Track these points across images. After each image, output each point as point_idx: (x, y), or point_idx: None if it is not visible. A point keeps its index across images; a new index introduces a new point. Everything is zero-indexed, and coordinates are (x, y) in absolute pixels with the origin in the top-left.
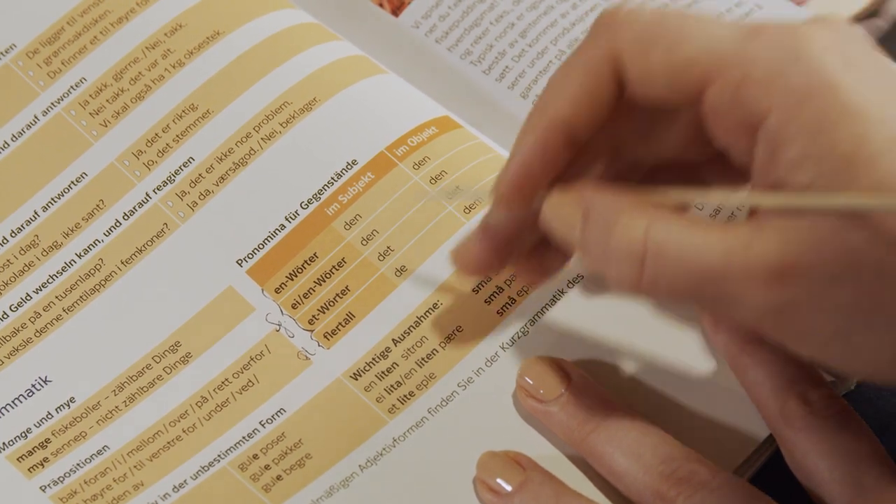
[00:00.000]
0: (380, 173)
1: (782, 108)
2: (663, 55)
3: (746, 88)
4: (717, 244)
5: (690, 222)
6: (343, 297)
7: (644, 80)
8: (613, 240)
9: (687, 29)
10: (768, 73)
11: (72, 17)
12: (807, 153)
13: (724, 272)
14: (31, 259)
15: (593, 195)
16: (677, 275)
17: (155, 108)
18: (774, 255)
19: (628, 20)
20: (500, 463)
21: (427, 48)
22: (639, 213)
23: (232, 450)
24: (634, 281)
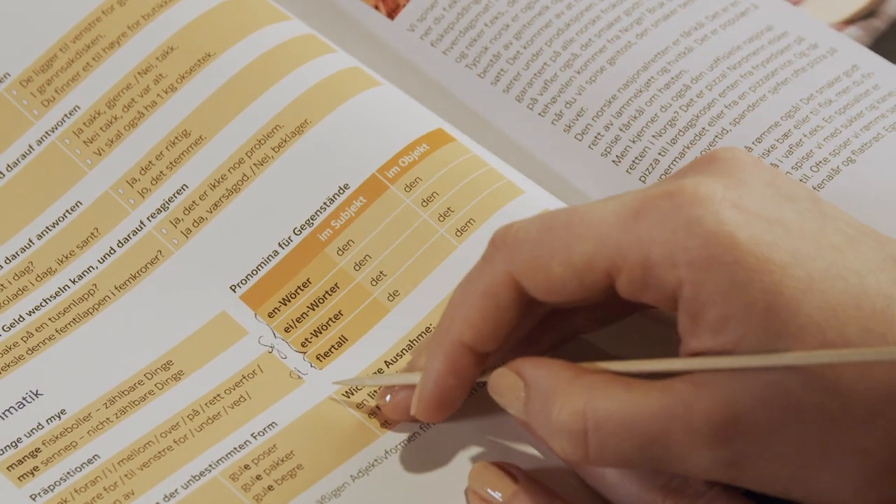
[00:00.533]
0: (371, 197)
1: (690, 279)
2: (561, 265)
3: (652, 271)
4: (657, 409)
5: (628, 388)
6: (336, 321)
7: (550, 293)
8: (553, 418)
9: (575, 231)
10: (666, 250)
11: (64, 43)
12: (726, 315)
13: (667, 436)
14: (25, 284)
15: (532, 372)
16: (621, 443)
17: (148, 136)
18: (717, 413)
19: (518, 240)
20: (492, 474)
21: (421, 52)
22: (577, 388)
23: (223, 460)
24: (581, 455)
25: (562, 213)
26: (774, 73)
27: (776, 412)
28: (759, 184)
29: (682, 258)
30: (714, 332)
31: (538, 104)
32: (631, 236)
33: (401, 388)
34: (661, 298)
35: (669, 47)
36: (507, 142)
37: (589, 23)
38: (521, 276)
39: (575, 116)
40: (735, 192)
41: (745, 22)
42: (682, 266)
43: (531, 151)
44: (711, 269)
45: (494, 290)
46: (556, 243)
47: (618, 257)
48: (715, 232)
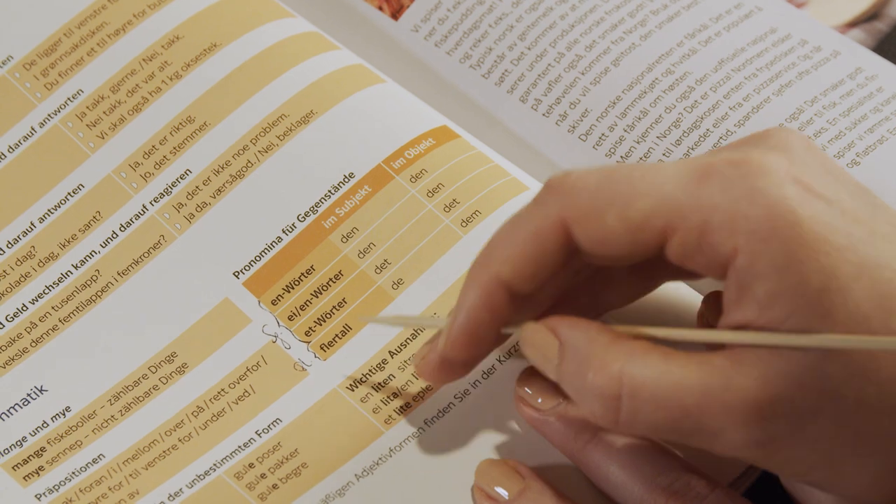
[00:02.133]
0: (377, 186)
1: (747, 249)
2: (617, 219)
3: (709, 235)
4: (694, 382)
5: (666, 358)
6: (340, 309)
7: (601, 244)
8: (588, 380)
9: (636, 186)
10: (728, 217)
11: (69, 28)
12: (777, 291)
13: (702, 411)
14: (28, 270)
15: (569, 332)
16: (654, 413)
17: (152, 120)
18: (754, 393)
19: (576, 187)
20: (499, 471)
21: (426, 52)
22: (614, 353)
23: (228, 459)
24: (611, 420)
25: (623, 167)
26: (779, 75)
27: (813, 396)
28: (815, 164)
29: (743, 227)
30: (761, 307)
31: (542, 104)
32: (692, 199)
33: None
34: (710, 265)
35: (674, 49)
36: (511, 141)
37: (593, 24)
38: (574, 223)
39: (579, 117)
40: (797, 169)
41: (750, 24)
42: (740, 234)
43: (535, 151)
44: (770, 241)
45: (543, 232)
46: (615, 196)
47: (676, 218)
48: (778, 205)
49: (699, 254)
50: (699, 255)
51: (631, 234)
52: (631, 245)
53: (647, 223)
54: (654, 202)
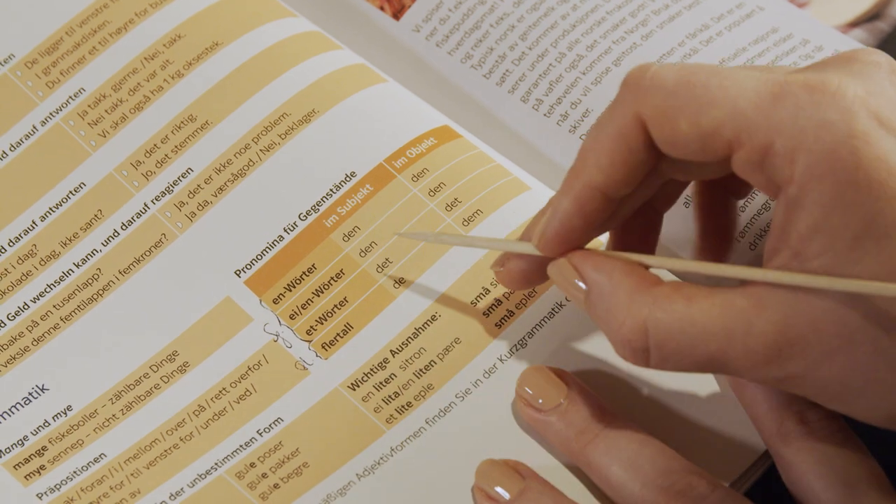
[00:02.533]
0: (378, 185)
1: (801, 181)
2: (689, 123)
3: (771, 157)
4: (718, 328)
5: (689, 302)
6: (341, 308)
7: (671, 146)
8: (615, 331)
9: (712, 93)
10: (791, 143)
11: (71, 27)
12: (819, 227)
13: (726, 356)
14: (29, 268)
15: (593, 275)
16: (681, 359)
17: (153, 119)
18: (772, 337)
19: (653, 85)
20: (500, 471)
21: (427, 52)
22: (637, 303)
23: (229, 458)
24: (642, 366)
25: (703, 69)
26: None
27: (829, 340)
28: (895, 93)
29: (803, 158)
30: (800, 239)
31: (543, 104)
32: (762, 118)
33: (511, 258)
34: (767, 185)
35: (675, 49)
36: (512, 141)
37: (594, 24)
38: (649, 122)
39: (580, 117)
40: (874, 101)
41: (751, 24)
42: (799, 164)
43: (537, 150)
44: (824, 179)
45: (625, 131)
46: (689, 100)
47: (744, 133)
48: (842, 143)
49: (760, 172)
50: (759, 173)
51: (701, 140)
52: (701, 151)
53: (717, 132)
54: (725, 114)
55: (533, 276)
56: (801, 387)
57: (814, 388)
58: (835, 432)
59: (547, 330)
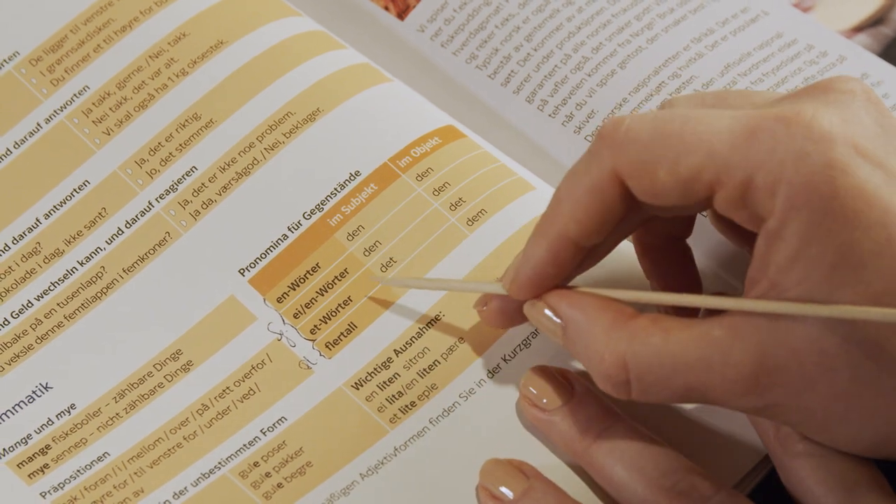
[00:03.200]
0: (383, 184)
1: (780, 213)
2: (668, 172)
3: (751, 193)
4: (694, 359)
5: (667, 335)
6: (345, 307)
7: (652, 196)
8: (595, 367)
9: (686, 140)
10: (770, 178)
11: (75, 25)
12: (797, 257)
13: (705, 386)
14: (33, 266)
15: (569, 312)
16: (662, 391)
17: (158, 117)
18: (751, 368)
19: (628, 139)
20: (504, 471)
21: (432, 53)
22: (615, 339)
23: (233, 457)
24: (624, 397)
25: (675, 118)
26: (785, 80)
27: (809, 369)
28: (870, 122)
29: (783, 190)
30: (778, 270)
31: (548, 105)
32: (739, 156)
33: (492, 297)
34: (750, 221)
35: (680, 52)
36: (517, 140)
37: (600, 27)
38: (626, 176)
39: (586, 118)
40: (850, 129)
41: (756, 29)
42: (780, 197)
43: (541, 150)
44: (802, 210)
45: (600, 185)
46: (665, 151)
47: (723, 174)
48: (819, 173)
49: (742, 208)
50: (742, 210)
51: (681, 187)
52: (681, 198)
53: (697, 178)
54: (702, 158)
55: (513, 315)
56: (783, 416)
57: (796, 417)
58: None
59: None
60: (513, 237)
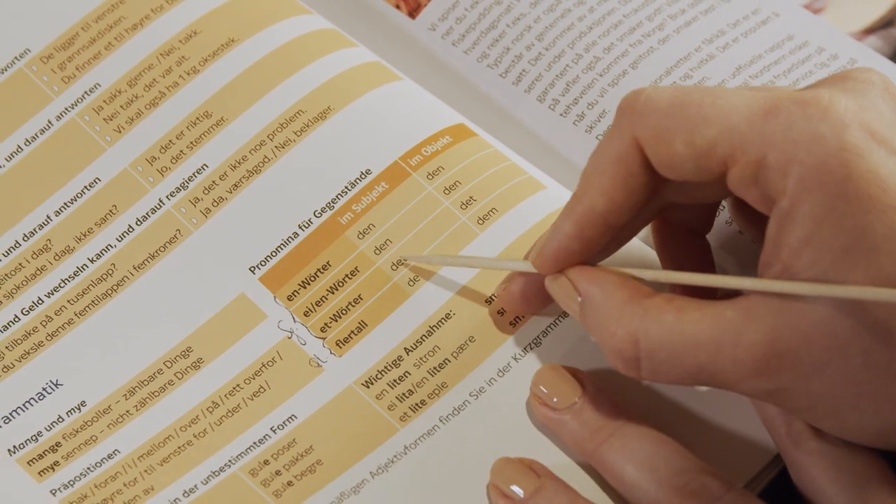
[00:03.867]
0: (394, 183)
1: (793, 194)
2: (684, 143)
3: (764, 171)
4: (706, 339)
5: (680, 314)
6: (356, 305)
7: (668, 167)
8: (607, 342)
9: (705, 111)
10: (783, 158)
11: (86, 22)
12: (809, 240)
13: (715, 366)
14: (44, 263)
15: (587, 287)
16: (672, 370)
17: (169, 115)
18: (762, 349)
19: (647, 108)
20: (515, 469)
21: (443, 51)
22: (629, 314)
23: (243, 455)
24: (634, 376)
25: (695, 90)
26: (796, 83)
27: (819, 352)
28: (888, 110)
29: (795, 171)
30: (791, 251)
31: (560, 105)
32: (755, 133)
33: (513, 280)
34: (761, 200)
35: (692, 54)
36: (527, 139)
37: (611, 27)
38: (645, 144)
39: (597, 118)
40: (866, 115)
41: (767, 30)
42: (791, 178)
43: (552, 149)
44: (815, 191)
45: (623, 155)
46: (683, 121)
47: (738, 149)
48: (834, 155)
49: (754, 187)
50: (754, 188)
51: (696, 159)
52: (696, 170)
53: (712, 151)
54: (719, 131)
55: (533, 298)
56: (792, 401)
57: (804, 402)
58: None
59: (561, 329)
60: (523, 236)
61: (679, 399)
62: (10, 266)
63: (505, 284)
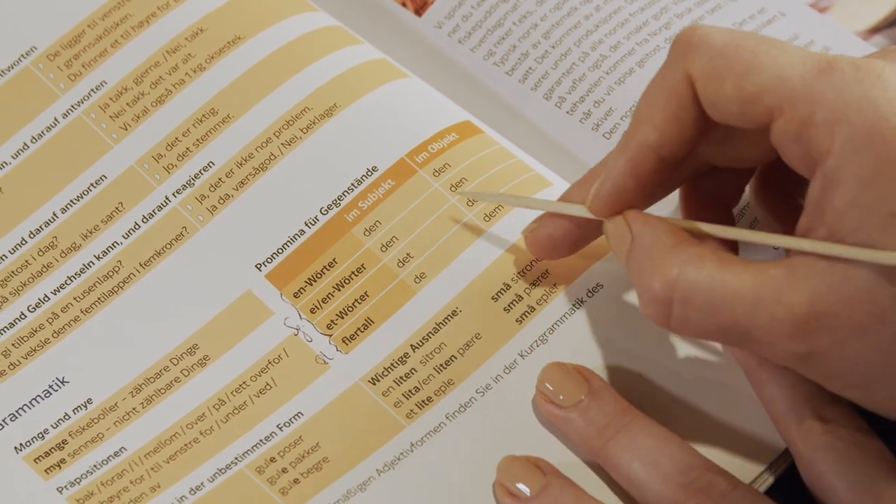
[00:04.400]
0: (400, 180)
1: (840, 154)
2: (733, 85)
3: (810, 128)
4: (747, 292)
5: (722, 266)
6: (362, 302)
7: (714, 107)
8: (645, 282)
9: (759, 57)
10: (833, 115)
11: (93, 20)
12: (855, 203)
13: (750, 321)
14: (50, 260)
15: (639, 229)
16: (704, 320)
17: (175, 112)
18: (802, 308)
19: (701, 45)
20: (521, 467)
21: (449, 48)
22: (672, 257)
23: (249, 453)
24: (663, 323)
25: (750, 36)
26: None
27: (858, 317)
28: None
29: (843, 131)
30: (836, 214)
31: (566, 102)
32: (806, 88)
33: (543, 223)
34: (802, 158)
35: None
36: (534, 136)
37: (618, 25)
38: (696, 80)
39: (604, 115)
40: None
41: (773, 30)
42: (838, 137)
43: (559, 146)
44: (863, 153)
45: (675, 87)
46: (735, 63)
47: (786, 101)
48: (884, 119)
49: (797, 143)
50: (796, 145)
51: (742, 103)
52: (740, 114)
53: (759, 98)
54: (769, 80)
55: (559, 242)
56: (823, 366)
57: (836, 369)
58: (854, 431)
59: (568, 326)
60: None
61: (685, 397)
62: (16, 263)
63: (534, 226)
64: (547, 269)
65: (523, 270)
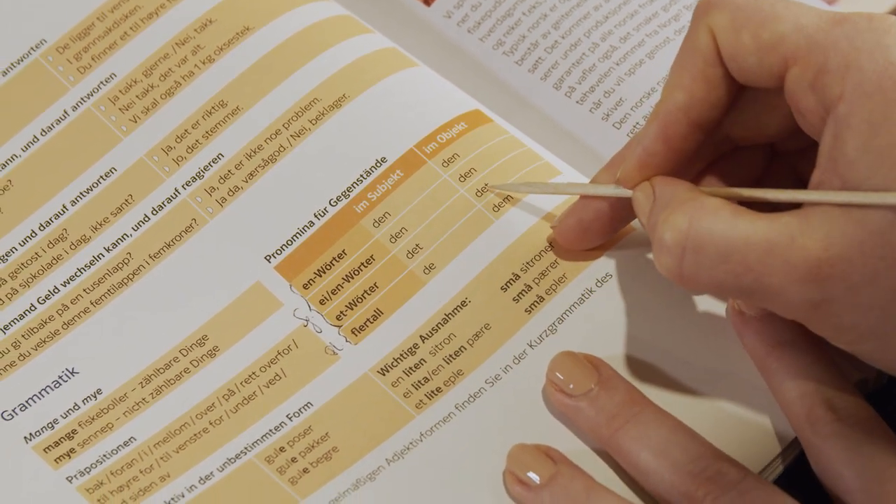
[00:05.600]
0: (409, 171)
1: (851, 98)
2: (752, 34)
3: (823, 74)
4: (760, 238)
5: (735, 214)
6: (371, 293)
7: (734, 58)
8: (658, 232)
9: (777, 9)
10: (845, 61)
11: (102, 12)
12: (866, 148)
13: (764, 267)
14: (60, 252)
15: (661, 188)
16: (716, 267)
17: (184, 105)
18: (815, 253)
19: (722, 1)
20: (531, 456)
21: (458, 38)
22: (686, 207)
23: (259, 442)
24: (675, 271)
25: None
26: None
27: (871, 262)
28: None
29: (854, 76)
30: (848, 161)
31: (576, 93)
32: (820, 36)
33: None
34: (816, 108)
35: None
36: (543, 125)
37: (627, 16)
38: (717, 34)
39: (614, 105)
40: None
41: None
42: (850, 83)
43: (568, 135)
44: (874, 96)
45: (700, 46)
46: (754, 14)
47: (801, 49)
48: (894, 65)
49: (811, 92)
50: (811, 94)
51: (759, 52)
52: (758, 65)
53: (775, 47)
54: (786, 29)
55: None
56: (836, 316)
57: (849, 319)
58: (864, 420)
59: (577, 316)
60: (539, 223)
61: (695, 386)
62: (26, 255)
63: (561, 218)
64: (556, 259)
65: (532, 260)
